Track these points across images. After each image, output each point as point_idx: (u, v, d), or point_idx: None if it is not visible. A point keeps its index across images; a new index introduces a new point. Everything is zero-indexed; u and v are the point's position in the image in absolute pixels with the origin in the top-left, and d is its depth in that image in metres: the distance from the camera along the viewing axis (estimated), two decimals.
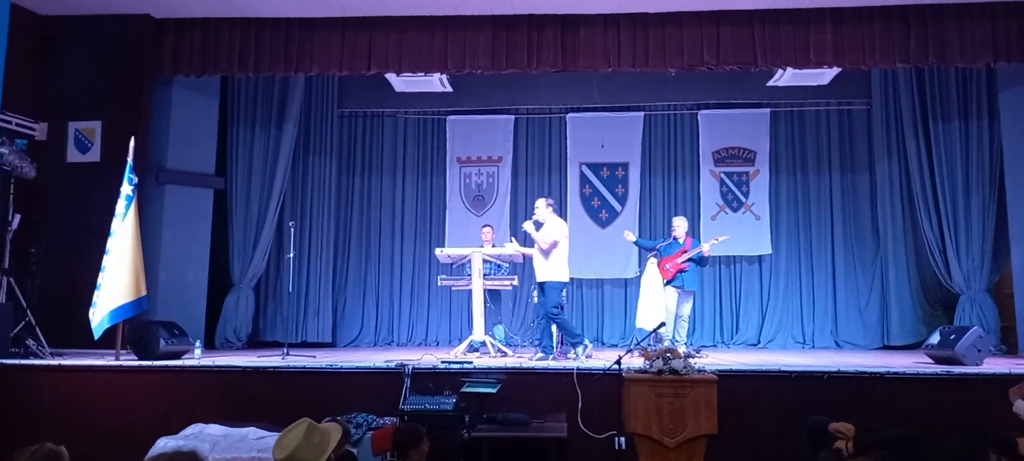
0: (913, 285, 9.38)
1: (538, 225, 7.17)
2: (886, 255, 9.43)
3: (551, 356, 6.86)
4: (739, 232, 9.51)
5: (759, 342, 9.55)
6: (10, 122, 7.68)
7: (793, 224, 9.85)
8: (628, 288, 9.77)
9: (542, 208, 7.23)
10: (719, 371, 5.29)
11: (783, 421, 5.40)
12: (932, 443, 4.12)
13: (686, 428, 4.79)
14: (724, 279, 9.86)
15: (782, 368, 5.99)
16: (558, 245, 7.01)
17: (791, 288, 9.73)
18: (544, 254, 7.04)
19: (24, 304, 6.73)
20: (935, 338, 6.82)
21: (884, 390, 5.75)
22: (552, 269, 7.01)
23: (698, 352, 5.26)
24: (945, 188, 8.97)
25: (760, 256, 9.80)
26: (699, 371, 4.97)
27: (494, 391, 5.67)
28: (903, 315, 9.29)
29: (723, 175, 9.90)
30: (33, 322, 6.74)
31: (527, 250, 7.65)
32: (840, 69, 8.33)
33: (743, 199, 9.81)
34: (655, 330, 6.55)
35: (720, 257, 9.58)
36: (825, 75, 8.79)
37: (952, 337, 6.48)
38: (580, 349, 6.93)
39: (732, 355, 7.92)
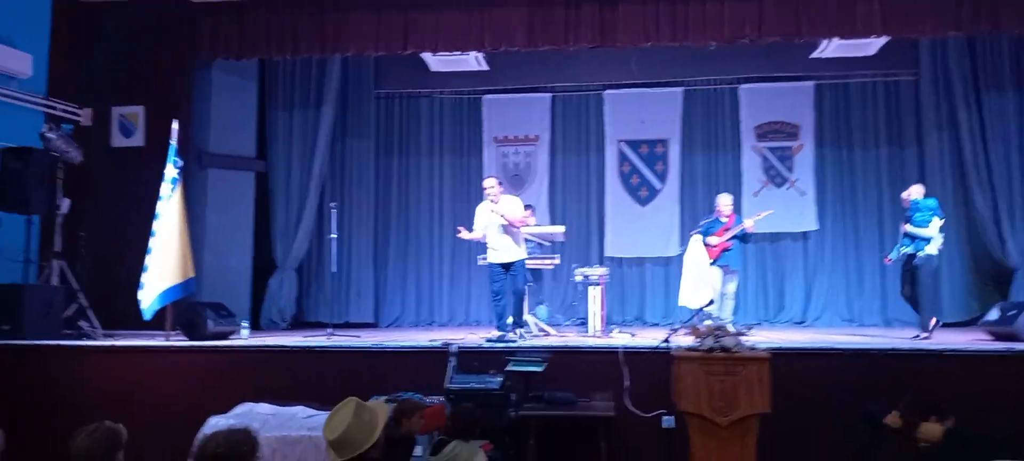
0: (965, 260, 9.12)
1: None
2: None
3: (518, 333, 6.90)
4: (783, 208, 9.30)
5: (805, 320, 9.38)
6: (55, 108, 7.82)
7: (839, 199, 9.62)
8: (669, 266, 9.65)
9: (496, 188, 7.16)
10: (770, 349, 5.18)
11: (836, 399, 5.29)
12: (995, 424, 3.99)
13: (739, 407, 4.70)
14: (768, 256, 9.68)
15: (835, 346, 5.86)
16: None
17: (837, 264, 9.52)
18: (513, 234, 7.03)
19: (76, 287, 6.85)
20: (994, 314, 6.63)
21: (941, 368, 5.59)
22: (520, 249, 7.09)
23: (747, 330, 5.15)
24: (998, 160, 8.69)
25: (805, 232, 9.59)
26: (751, 348, 4.87)
27: (540, 370, 5.63)
28: (954, 291, 9.04)
29: (766, 150, 9.70)
30: (85, 304, 6.88)
31: (556, 229, 7.58)
32: (887, 39, 8.08)
33: (787, 174, 9.60)
34: (703, 308, 6.45)
35: (764, 234, 9.39)
36: (871, 46, 8.54)
37: (1012, 313, 6.28)
38: (519, 331, 6.94)
39: (778, 333, 7.79)
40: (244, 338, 6.82)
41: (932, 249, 7.00)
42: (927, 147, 9.30)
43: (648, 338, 6.37)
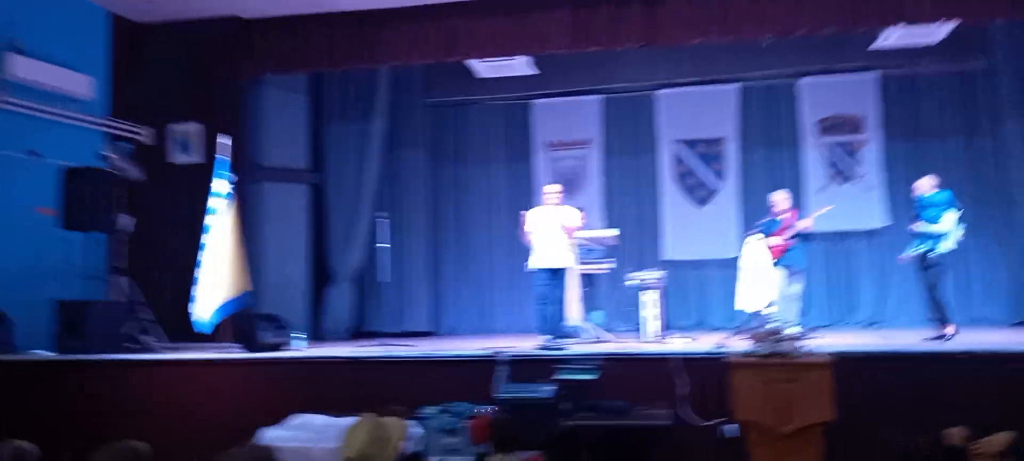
0: None
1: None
2: (1020, 222, 8.61)
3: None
4: (850, 205, 8.93)
5: (879, 321, 8.94)
6: (116, 128, 8.06)
7: (911, 194, 9.11)
8: (732, 268, 9.29)
9: (559, 195, 7.16)
10: (835, 353, 4.91)
11: (911, 407, 4.98)
12: None
13: (799, 415, 4.46)
14: (836, 255, 9.27)
15: (908, 349, 5.52)
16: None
17: (911, 262, 9.00)
18: (565, 241, 6.97)
19: (139, 301, 7.03)
20: None
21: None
22: (570, 257, 7.07)
23: (811, 333, 4.89)
24: None
25: (874, 229, 9.14)
26: (811, 353, 4.62)
27: (593, 378, 5.48)
28: None
29: (830, 145, 9.31)
30: (149, 318, 7.05)
31: (610, 233, 7.43)
32: (953, 26, 7.64)
33: (853, 170, 9.19)
34: (762, 310, 6.18)
35: (830, 232, 8.99)
36: (937, 33, 8.07)
37: None
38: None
39: (850, 336, 7.42)
40: (299, 349, 6.86)
41: (948, 245, 6.61)
42: (1005, 136, 8.75)
43: (708, 343, 6.14)
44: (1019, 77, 8.68)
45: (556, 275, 7.01)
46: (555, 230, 7.02)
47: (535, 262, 7.11)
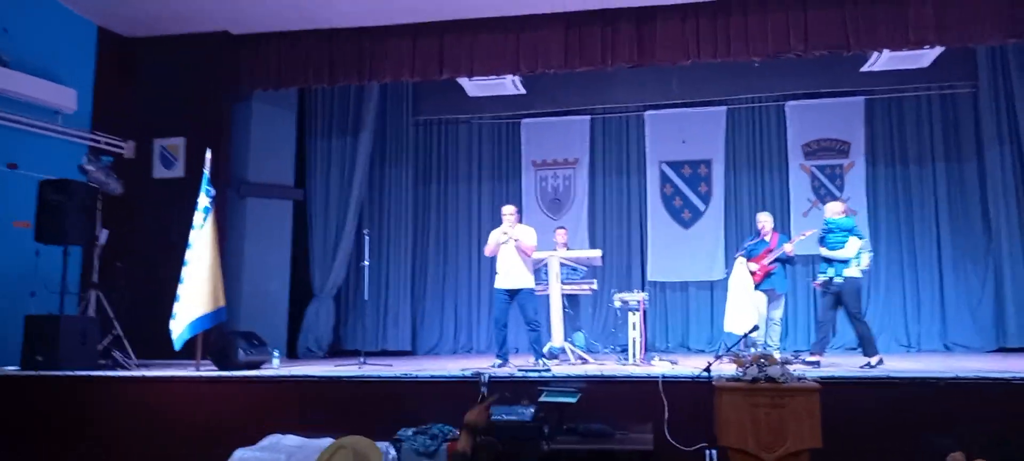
0: None
1: None
2: (999, 248, 8.63)
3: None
4: None
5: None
6: (99, 141, 7.95)
7: (894, 218, 9.17)
8: (714, 291, 9.30)
9: (513, 216, 7.11)
10: (820, 378, 4.85)
11: (894, 434, 4.92)
12: None
13: (786, 442, 4.38)
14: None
15: (891, 375, 5.47)
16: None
17: (893, 287, 9.04)
18: (524, 261, 6.93)
19: (111, 316, 6.88)
20: None
21: (1009, 398, 5.15)
22: (528, 277, 6.99)
23: (796, 358, 4.83)
24: None
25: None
26: (799, 378, 4.55)
27: (574, 401, 5.38)
28: (1021, 313, 8.46)
29: (814, 168, 9.33)
30: (120, 334, 6.90)
31: (593, 253, 7.39)
32: (942, 49, 7.69)
33: (837, 193, 9.19)
34: (747, 335, 6.13)
35: (813, 255, 8.96)
36: (925, 57, 8.15)
37: None
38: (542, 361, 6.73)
39: (830, 359, 7.37)
40: (275, 367, 6.73)
41: (854, 271, 6.67)
42: (988, 162, 8.81)
43: (691, 366, 6.07)
44: (1002, 103, 8.73)
45: (515, 296, 6.94)
46: (507, 251, 6.96)
47: (497, 283, 7.05)
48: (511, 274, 6.95)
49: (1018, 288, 8.50)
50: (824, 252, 6.87)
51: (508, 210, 7.17)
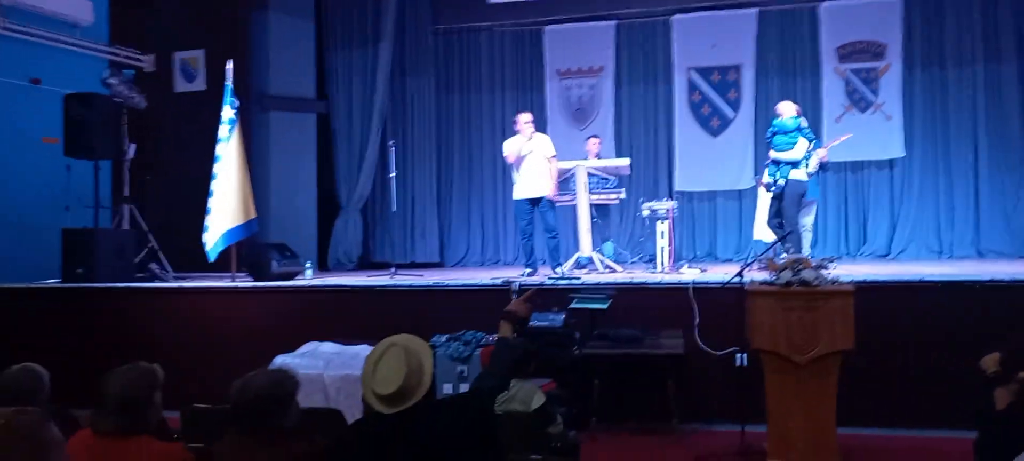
0: None
1: None
2: None
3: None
4: (868, 134, 8.71)
5: (889, 253, 8.83)
6: (118, 55, 7.88)
7: (929, 123, 8.91)
8: (743, 200, 9.20)
9: (530, 123, 6.90)
10: (854, 282, 4.82)
11: (927, 337, 4.92)
12: None
13: (819, 344, 4.38)
14: (850, 186, 9.10)
15: (925, 278, 5.43)
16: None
17: (926, 193, 8.87)
18: (549, 168, 6.82)
19: (145, 229, 6.97)
20: None
21: None
22: (549, 185, 6.89)
23: (829, 263, 4.78)
24: None
25: (891, 159, 8.95)
26: (833, 281, 4.52)
27: (605, 307, 5.42)
28: None
29: (849, 72, 9.03)
30: (156, 247, 7.01)
31: (621, 162, 7.28)
32: None
33: (872, 98, 8.93)
34: (777, 241, 6.08)
35: (846, 162, 8.83)
36: None
37: None
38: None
39: (860, 266, 7.33)
40: (308, 279, 6.83)
41: (800, 174, 6.45)
42: None
43: (719, 274, 6.06)
44: None
45: (536, 205, 6.88)
46: (532, 160, 6.84)
47: (515, 193, 6.99)
48: (535, 183, 6.87)
49: None
50: (772, 154, 6.62)
51: (525, 118, 6.98)
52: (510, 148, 6.91)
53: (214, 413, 3.47)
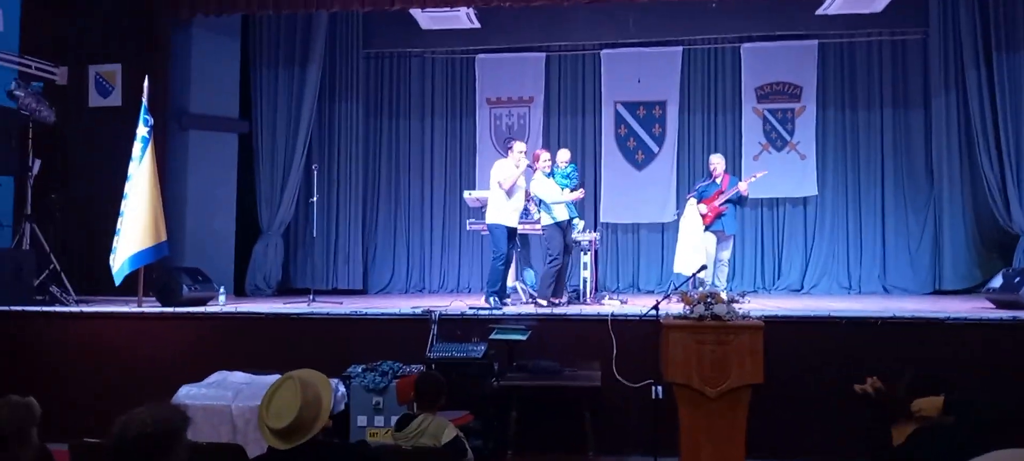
0: (969, 227, 8.81)
1: None
2: (940, 195, 8.88)
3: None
4: (783, 172, 9.06)
5: (802, 287, 9.16)
6: (29, 66, 7.53)
7: (841, 163, 9.32)
8: (665, 233, 9.40)
9: (522, 153, 6.86)
10: (764, 317, 4.96)
11: (833, 370, 5.08)
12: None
13: (729, 377, 4.49)
14: (766, 222, 9.43)
15: (832, 314, 5.63)
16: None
17: (837, 231, 9.25)
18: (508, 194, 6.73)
19: (47, 250, 6.63)
20: (997, 281, 6.37)
21: (942, 338, 5.36)
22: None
23: (741, 297, 4.92)
24: (1007, 122, 8.32)
25: (805, 197, 9.31)
26: (743, 316, 4.64)
27: (524, 338, 5.42)
28: (957, 258, 8.77)
29: (766, 112, 9.38)
30: (58, 269, 6.66)
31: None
32: None
33: (788, 137, 9.29)
34: (695, 274, 6.21)
35: (763, 199, 9.14)
36: (878, 1, 8.19)
37: (1017, 280, 6.03)
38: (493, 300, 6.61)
39: (774, 301, 7.56)
40: (221, 305, 6.60)
41: (546, 218, 6.96)
42: (934, 109, 8.97)
43: (640, 306, 6.15)
44: (950, 50, 8.85)
45: (513, 235, 6.89)
46: (520, 190, 6.84)
47: (499, 218, 6.84)
48: (519, 212, 6.89)
49: (956, 235, 8.77)
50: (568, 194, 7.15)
51: (520, 147, 6.91)
52: (511, 173, 6.75)
53: (105, 448, 3.29)
